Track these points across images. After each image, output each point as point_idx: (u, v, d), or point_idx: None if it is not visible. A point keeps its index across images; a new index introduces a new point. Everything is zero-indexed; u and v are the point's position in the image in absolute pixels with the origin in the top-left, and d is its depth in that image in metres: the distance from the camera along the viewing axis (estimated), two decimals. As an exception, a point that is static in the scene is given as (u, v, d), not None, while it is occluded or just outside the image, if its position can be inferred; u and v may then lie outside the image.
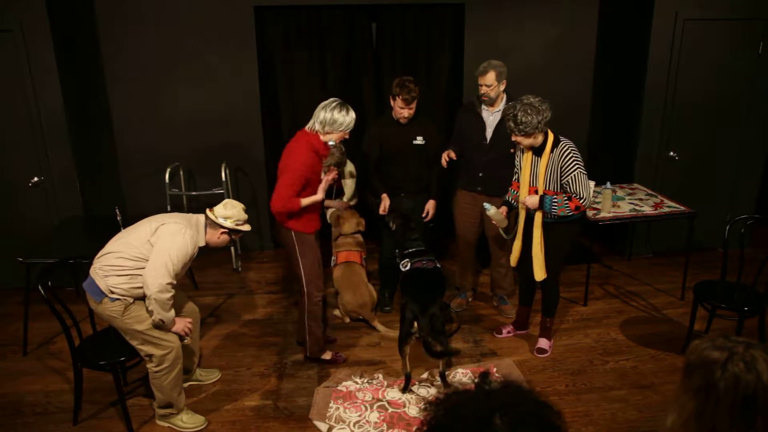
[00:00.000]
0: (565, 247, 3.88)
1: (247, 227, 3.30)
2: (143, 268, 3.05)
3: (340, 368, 3.97)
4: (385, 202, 4.35)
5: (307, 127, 3.63)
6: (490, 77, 4.07)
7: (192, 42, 5.23)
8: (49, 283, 3.28)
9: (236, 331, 4.49)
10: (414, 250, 3.96)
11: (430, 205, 4.48)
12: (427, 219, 4.49)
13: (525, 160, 3.78)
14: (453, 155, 4.30)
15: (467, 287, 4.82)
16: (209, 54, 5.28)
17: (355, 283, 4.46)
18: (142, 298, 3.11)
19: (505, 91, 4.19)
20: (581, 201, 3.61)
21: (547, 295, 4.06)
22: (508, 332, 4.36)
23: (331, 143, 3.59)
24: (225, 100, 5.40)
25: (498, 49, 5.21)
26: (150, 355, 3.18)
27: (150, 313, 3.09)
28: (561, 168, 3.61)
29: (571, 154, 3.60)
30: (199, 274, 5.31)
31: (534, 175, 3.75)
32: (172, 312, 3.14)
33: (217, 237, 3.24)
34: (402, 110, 4.19)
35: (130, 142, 5.43)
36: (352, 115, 3.60)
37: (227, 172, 5.29)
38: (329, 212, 4.78)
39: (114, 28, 5.16)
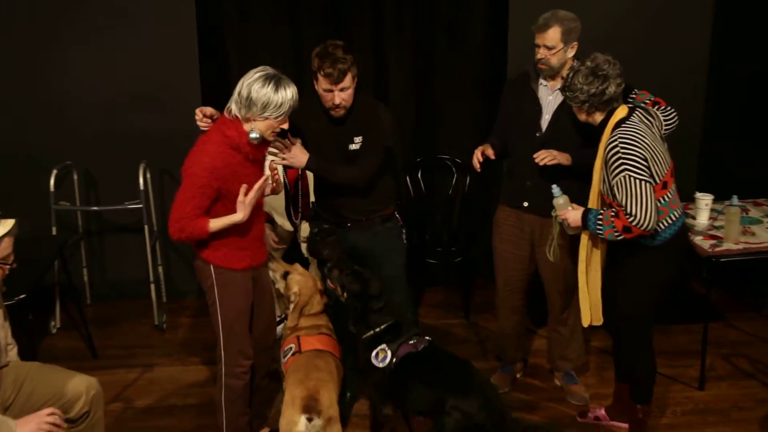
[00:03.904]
0: (648, 289, 3.01)
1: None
2: None
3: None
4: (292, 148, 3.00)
5: (225, 109, 2.79)
6: (553, 35, 3.15)
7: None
8: None
9: (157, 424, 3.52)
10: (384, 327, 2.90)
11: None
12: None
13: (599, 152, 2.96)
14: (490, 153, 3.35)
15: (514, 357, 3.81)
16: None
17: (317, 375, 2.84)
18: None
19: (575, 56, 3.23)
20: (629, 219, 2.82)
21: (633, 367, 3.17)
22: (597, 418, 3.46)
23: (253, 135, 2.69)
24: (146, 68, 4.25)
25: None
26: None
27: None
28: (607, 167, 2.90)
29: (617, 147, 2.79)
30: (101, 335, 4.17)
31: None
32: None
33: None
34: (327, 94, 2.89)
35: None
36: (289, 92, 2.66)
37: (148, 176, 4.20)
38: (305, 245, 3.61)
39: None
